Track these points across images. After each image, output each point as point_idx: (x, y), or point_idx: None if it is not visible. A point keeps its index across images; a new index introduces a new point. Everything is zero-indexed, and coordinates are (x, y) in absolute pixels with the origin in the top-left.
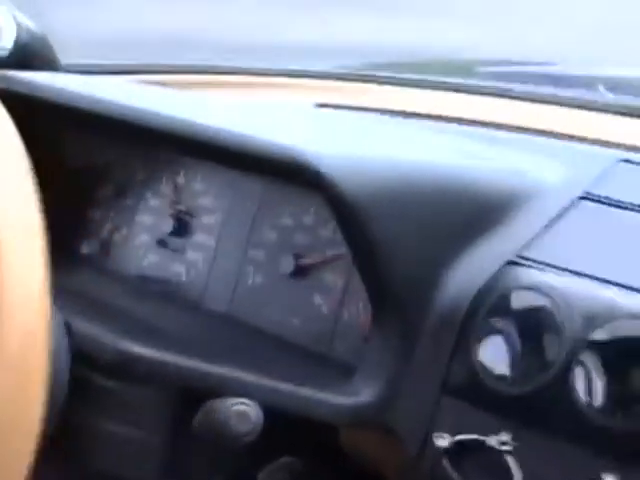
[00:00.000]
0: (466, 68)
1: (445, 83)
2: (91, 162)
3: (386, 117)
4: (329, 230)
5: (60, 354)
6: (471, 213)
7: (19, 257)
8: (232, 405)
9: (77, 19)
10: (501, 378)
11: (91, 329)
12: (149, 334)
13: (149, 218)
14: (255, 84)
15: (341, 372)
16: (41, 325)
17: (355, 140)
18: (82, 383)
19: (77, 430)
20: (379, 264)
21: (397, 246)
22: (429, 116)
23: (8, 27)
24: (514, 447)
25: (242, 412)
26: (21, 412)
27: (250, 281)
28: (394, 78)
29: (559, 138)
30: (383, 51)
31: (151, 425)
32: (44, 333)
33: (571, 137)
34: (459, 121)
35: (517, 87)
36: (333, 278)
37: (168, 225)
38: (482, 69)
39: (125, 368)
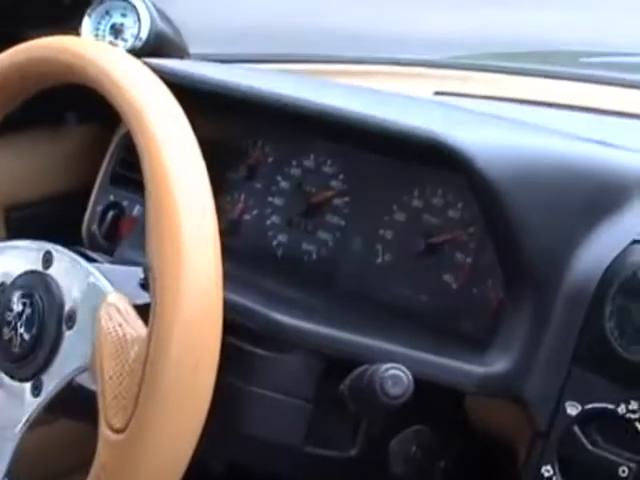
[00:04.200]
0: (573, 58)
1: (554, 72)
2: (223, 146)
3: (502, 104)
4: (457, 210)
5: None
6: (600, 194)
7: (196, 237)
8: (387, 369)
9: (203, 10)
10: (630, 349)
11: (240, 301)
12: (292, 306)
13: (279, 200)
14: (377, 73)
15: (471, 346)
16: (216, 304)
17: (483, 124)
18: (231, 351)
19: (227, 395)
20: (515, 240)
21: (532, 223)
22: (542, 103)
23: (144, 19)
24: None
25: (397, 375)
26: (198, 378)
27: (379, 260)
28: (508, 67)
29: None
30: (497, 42)
31: (297, 391)
32: (219, 302)
33: None
34: (570, 108)
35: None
36: (462, 256)
37: (298, 206)
38: (587, 59)
39: (275, 337)
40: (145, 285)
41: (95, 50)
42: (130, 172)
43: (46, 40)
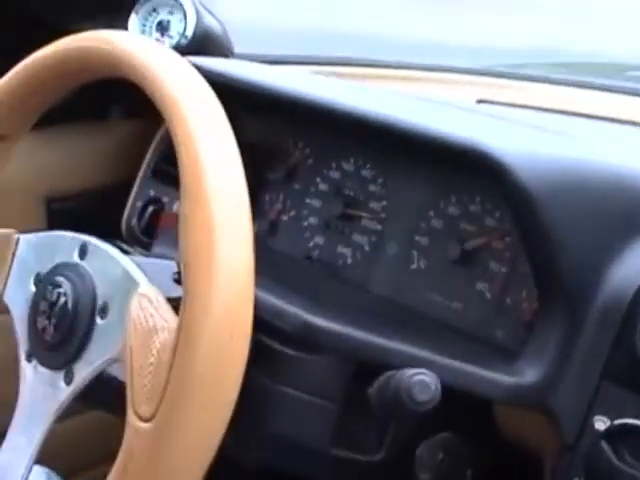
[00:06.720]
0: (618, 71)
1: (599, 84)
2: (263, 147)
3: (545, 114)
4: (494, 219)
5: None
6: (638, 209)
7: (229, 226)
8: (414, 375)
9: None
10: None
11: (273, 301)
12: (324, 309)
13: (317, 202)
14: (419, 79)
15: (502, 355)
16: (247, 295)
17: (524, 134)
18: (261, 349)
19: (255, 393)
20: (550, 251)
21: (567, 235)
22: (585, 115)
23: (190, 17)
24: None
25: (423, 381)
26: (226, 370)
27: (414, 265)
28: (551, 78)
29: None
30: (541, 52)
31: (325, 393)
32: (250, 294)
33: None
34: (614, 121)
35: None
36: (497, 265)
37: (336, 209)
38: (635, 73)
39: (306, 338)
40: (178, 279)
41: (135, 43)
42: (172, 168)
43: (89, 33)
